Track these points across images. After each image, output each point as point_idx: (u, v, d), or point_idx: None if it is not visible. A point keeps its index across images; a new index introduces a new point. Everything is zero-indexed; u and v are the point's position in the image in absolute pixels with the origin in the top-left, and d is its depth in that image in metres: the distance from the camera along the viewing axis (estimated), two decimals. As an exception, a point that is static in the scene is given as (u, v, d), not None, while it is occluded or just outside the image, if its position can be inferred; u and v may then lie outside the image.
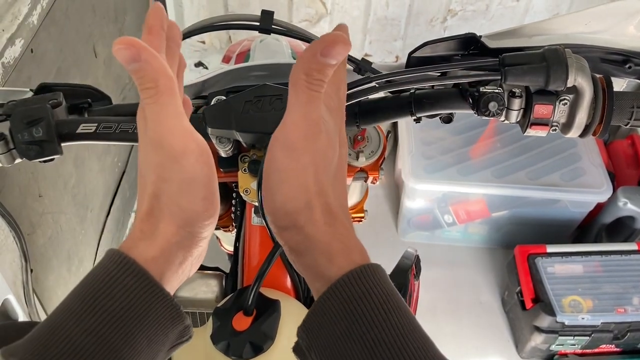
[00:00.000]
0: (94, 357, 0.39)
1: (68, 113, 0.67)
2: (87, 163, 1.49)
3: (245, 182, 0.72)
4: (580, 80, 0.57)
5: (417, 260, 0.86)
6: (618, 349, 1.64)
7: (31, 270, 1.17)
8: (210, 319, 0.63)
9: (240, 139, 0.68)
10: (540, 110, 0.59)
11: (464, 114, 0.67)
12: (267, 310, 0.62)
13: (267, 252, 0.66)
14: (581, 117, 0.59)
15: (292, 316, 0.66)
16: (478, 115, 0.62)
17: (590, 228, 1.87)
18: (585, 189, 1.71)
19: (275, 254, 0.65)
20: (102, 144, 0.64)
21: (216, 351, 0.60)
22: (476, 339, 1.78)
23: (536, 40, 0.66)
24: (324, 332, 0.42)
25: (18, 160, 0.63)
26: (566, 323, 1.55)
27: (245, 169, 0.72)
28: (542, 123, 0.60)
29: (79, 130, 0.63)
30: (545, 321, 1.56)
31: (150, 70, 0.43)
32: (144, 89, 0.43)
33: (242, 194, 0.72)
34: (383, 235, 1.98)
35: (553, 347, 1.63)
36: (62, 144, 0.63)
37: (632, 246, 1.66)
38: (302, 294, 0.76)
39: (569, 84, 0.57)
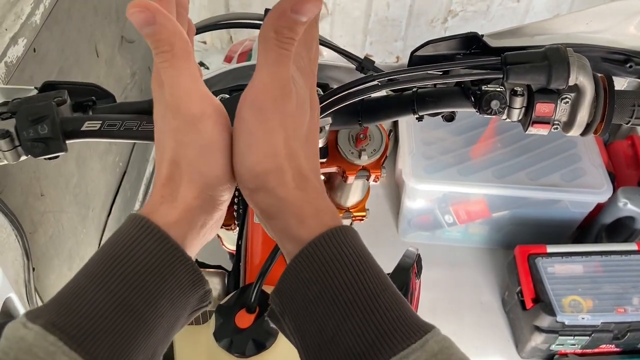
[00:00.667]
0: (116, 320, 0.39)
1: (72, 111, 0.67)
2: (88, 162, 1.50)
3: None
4: (581, 78, 0.57)
5: (419, 259, 0.86)
6: (618, 349, 1.65)
7: (33, 269, 1.18)
8: (213, 316, 0.64)
9: None
10: (542, 108, 0.59)
11: (465, 113, 0.67)
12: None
13: (270, 250, 0.66)
14: (582, 116, 0.59)
15: (294, 314, 0.66)
16: (480, 113, 0.63)
17: (591, 228, 1.88)
18: (586, 190, 1.71)
19: (278, 251, 0.66)
20: (106, 141, 0.64)
21: (219, 348, 0.60)
22: (476, 338, 1.79)
23: (538, 39, 0.67)
24: (297, 296, 0.42)
25: (23, 158, 0.63)
26: (566, 323, 1.55)
27: None
28: (544, 121, 0.60)
29: (83, 128, 0.63)
30: (545, 321, 1.56)
31: (166, 33, 0.42)
32: (160, 53, 0.43)
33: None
34: (383, 235, 1.99)
35: (553, 347, 1.64)
36: (67, 141, 0.63)
37: (632, 246, 1.66)
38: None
39: (571, 82, 0.57)
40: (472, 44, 0.69)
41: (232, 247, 1.36)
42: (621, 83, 0.67)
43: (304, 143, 0.46)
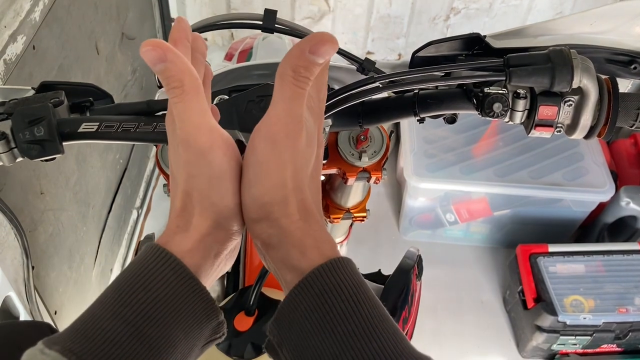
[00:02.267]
0: (130, 348, 0.40)
1: (70, 112, 0.67)
2: (88, 160, 1.49)
3: None
4: (585, 81, 0.56)
5: (419, 260, 0.86)
6: (619, 349, 1.64)
7: (32, 268, 1.17)
8: (212, 319, 0.63)
9: (243, 139, 0.68)
10: (544, 111, 0.59)
11: (466, 114, 0.66)
12: (269, 310, 0.62)
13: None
14: (586, 119, 0.58)
15: (293, 316, 0.66)
16: (482, 116, 0.62)
17: (593, 228, 1.87)
18: (588, 189, 1.71)
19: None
20: (104, 142, 0.64)
21: (217, 351, 0.60)
22: (477, 338, 1.78)
23: (541, 40, 0.66)
24: (295, 328, 0.42)
25: (19, 159, 0.63)
26: (568, 323, 1.54)
27: None
28: (547, 124, 0.60)
29: (80, 130, 0.63)
30: (546, 321, 1.56)
31: (175, 70, 0.44)
32: (171, 89, 0.45)
33: None
34: (384, 234, 1.98)
35: (554, 347, 1.63)
36: (64, 143, 0.62)
37: (634, 246, 1.65)
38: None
39: (574, 85, 0.56)
40: (474, 44, 0.68)
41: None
42: (625, 85, 0.66)
43: (309, 179, 0.48)
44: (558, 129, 0.60)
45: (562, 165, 1.78)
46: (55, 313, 1.33)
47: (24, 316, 1.17)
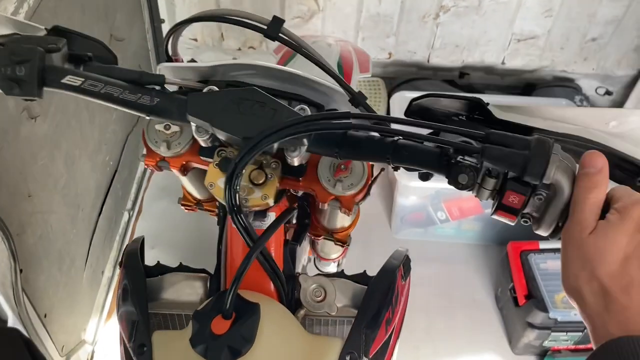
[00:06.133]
0: None
1: (67, 61, 0.69)
2: (77, 162, 1.49)
3: (213, 176, 0.72)
4: (558, 179, 0.54)
5: (407, 260, 0.85)
6: (611, 345, 1.64)
7: (20, 271, 1.17)
8: (191, 322, 0.63)
9: (217, 134, 0.68)
10: (511, 197, 0.56)
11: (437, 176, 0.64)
12: (247, 313, 0.61)
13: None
14: (552, 217, 0.56)
15: (272, 319, 0.66)
16: (449, 184, 0.60)
17: (584, 224, 1.87)
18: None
19: (252, 256, 0.65)
20: (84, 98, 0.66)
21: (195, 354, 0.60)
22: (470, 335, 1.78)
23: (549, 124, 0.63)
24: None
25: None
26: (559, 319, 1.55)
27: (216, 163, 0.72)
28: (510, 212, 0.57)
29: (63, 80, 0.65)
30: (538, 317, 1.56)
31: None
32: None
33: (207, 186, 0.72)
34: (376, 233, 1.98)
35: (546, 343, 1.64)
36: (45, 89, 0.65)
37: (625, 242, 1.66)
38: (285, 297, 0.76)
39: (546, 180, 0.54)
40: (475, 109, 0.66)
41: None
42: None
43: None
44: (524, 220, 0.58)
45: (552, 162, 1.78)
46: (45, 316, 1.33)
47: (12, 319, 1.17)
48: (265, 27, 0.76)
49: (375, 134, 0.65)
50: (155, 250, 1.82)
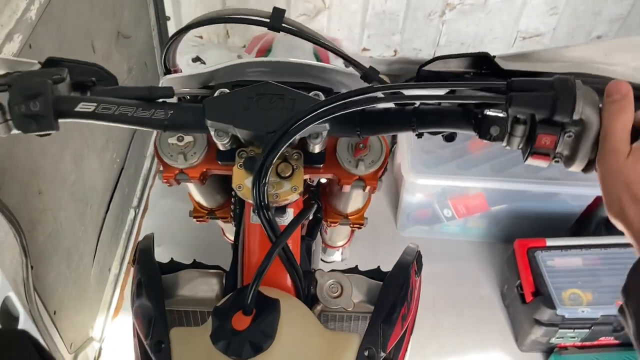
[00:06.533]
0: None
1: (72, 89, 0.68)
2: (86, 160, 1.49)
3: (239, 178, 0.72)
4: (587, 113, 0.55)
5: (419, 256, 0.86)
6: (617, 342, 1.65)
7: (31, 267, 1.17)
8: (210, 318, 0.63)
9: (239, 135, 0.68)
10: (543, 140, 0.57)
11: (464, 134, 0.65)
12: (267, 309, 0.62)
13: (266, 250, 0.66)
14: (585, 152, 0.57)
15: (292, 315, 0.66)
16: (479, 137, 0.61)
17: (590, 221, 1.87)
18: (584, 182, 1.71)
19: (274, 252, 0.65)
20: (100, 124, 0.65)
21: (216, 351, 0.60)
22: (476, 332, 1.79)
23: (551, 66, 0.64)
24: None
25: (14, 132, 0.63)
26: (566, 316, 1.55)
27: (240, 164, 0.72)
28: (544, 153, 0.58)
29: (77, 109, 0.63)
30: (545, 314, 1.56)
31: None
32: None
33: (235, 189, 0.72)
34: (382, 230, 1.98)
35: (553, 340, 1.64)
36: (60, 120, 0.63)
37: (631, 239, 1.66)
38: (302, 292, 0.76)
39: (575, 116, 0.55)
40: (483, 64, 0.67)
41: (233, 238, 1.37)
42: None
43: None
44: (556, 159, 0.58)
45: (558, 159, 1.79)
46: (55, 313, 1.33)
47: (23, 316, 1.17)
48: (267, 21, 0.76)
49: (391, 104, 0.66)
50: (162, 248, 1.82)
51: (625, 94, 0.55)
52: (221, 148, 0.73)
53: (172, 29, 1.99)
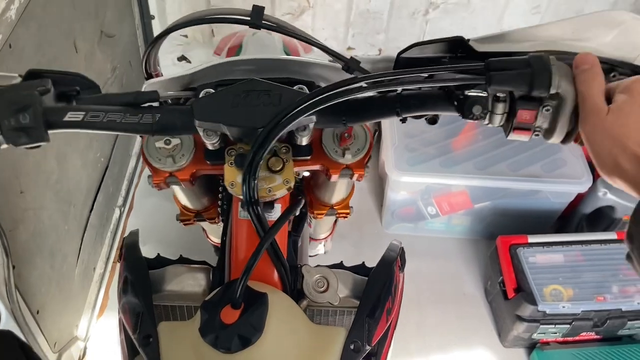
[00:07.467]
0: None
1: (56, 100, 0.67)
2: (69, 159, 1.48)
3: (231, 176, 0.72)
4: (563, 87, 0.58)
5: (402, 252, 0.87)
6: (598, 337, 1.67)
7: (13, 267, 1.16)
8: (198, 312, 0.64)
9: (228, 133, 0.68)
10: (523, 115, 0.60)
11: (448, 115, 0.67)
12: (255, 303, 0.62)
13: (254, 246, 0.66)
14: (563, 124, 0.60)
15: (279, 309, 0.67)
16: (462, 117, 0.63)
17: (571, 218, 1.90)
18: (566, 180, 1.74)
19: (263, 246, 0.66)
20: (89, 132, 0.65)
21: (204, 344, 0.60)
22: (460, 328, 1.80)
23: (523, 45, 0.67)
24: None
25: (4, 146, 0.63)
26: (547, 312, 1.57)
27: (231, 162, 0.73)
28: (525, 128, 0.61)
29: (66, 118, 0.63)
30: (527, 310, 1.58)
31: None
32: None
33: (227, 187, 0.72)
34: (367, 228, 2.00)
35: (535, 336, 1.66)
36: (49, 131, 0.63)
37: (612, 235, 1.69)
38: (289, 287, 0.76)
39: (552, 90, 0.58)
40: (458, 47, 0.69)
41: (217, 240, 1.37)
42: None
43: None
44: (536, 133, 0.62)
45: (540, 157, 1.81)
46: (38, 313, 1.32)
47: (5, 316, 1.17)
48: (248, 19, 0.77)
49: (374, 93, 0.68)
50: (147, 247, 1.81)
51: (592, 62, 0.58)
52: (210, 147, 0.74)
53: (156, 28, 1.99)
